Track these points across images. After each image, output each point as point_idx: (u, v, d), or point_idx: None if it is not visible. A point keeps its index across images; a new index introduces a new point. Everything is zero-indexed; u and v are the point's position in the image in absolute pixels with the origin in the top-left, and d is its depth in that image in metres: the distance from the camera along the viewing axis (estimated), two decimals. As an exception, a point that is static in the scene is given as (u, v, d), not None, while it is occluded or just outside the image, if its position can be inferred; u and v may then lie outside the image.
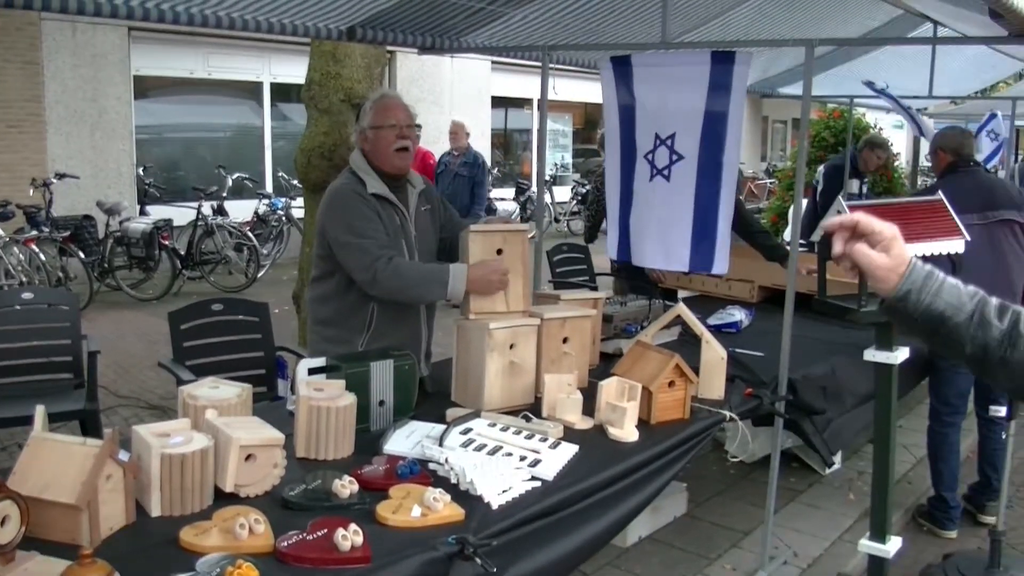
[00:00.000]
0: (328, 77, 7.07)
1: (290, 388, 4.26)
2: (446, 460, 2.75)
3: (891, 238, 1.64)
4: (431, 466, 2.79)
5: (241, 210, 13.12)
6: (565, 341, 3.60)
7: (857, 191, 8.64)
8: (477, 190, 9.93)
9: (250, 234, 11.76)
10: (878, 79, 8.25)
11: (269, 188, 14.63)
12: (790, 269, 4.00)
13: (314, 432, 2.85)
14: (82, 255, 10.23)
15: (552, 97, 5.55)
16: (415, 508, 2.44)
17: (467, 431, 3.04)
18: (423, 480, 2.67)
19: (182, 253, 11.37)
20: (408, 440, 2.99)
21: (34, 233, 9.99)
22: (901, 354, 3.68)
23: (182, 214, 12.03)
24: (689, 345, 3.98)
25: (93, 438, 2.36)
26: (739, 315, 4.94)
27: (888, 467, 3.81)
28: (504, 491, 2.62)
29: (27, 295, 5.04)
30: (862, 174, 8.78)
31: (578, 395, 3.33)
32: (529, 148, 20.85)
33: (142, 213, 12.48)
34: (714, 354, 3.71)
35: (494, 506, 2.55)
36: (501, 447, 2.93)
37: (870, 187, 9.28)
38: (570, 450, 2.98)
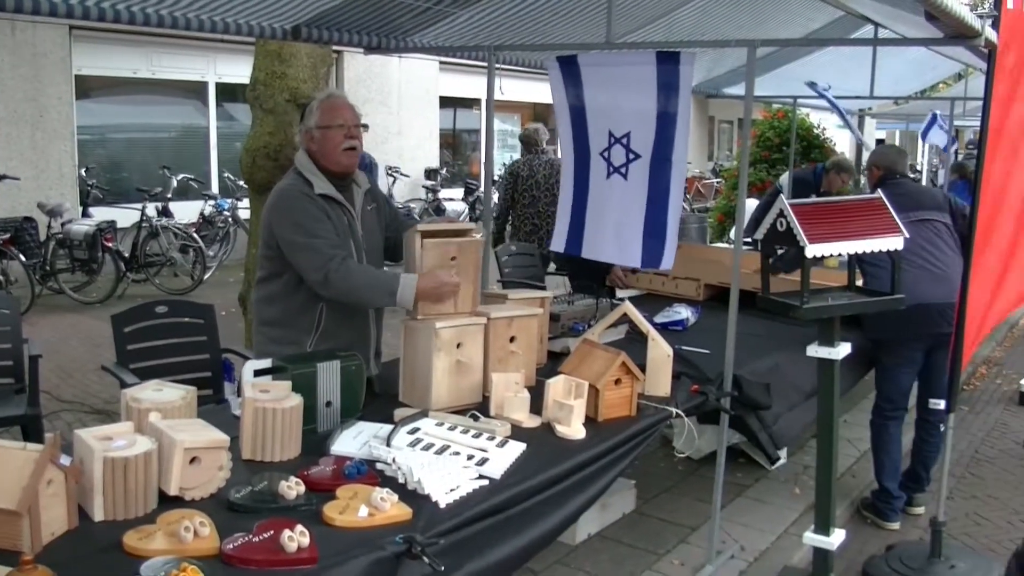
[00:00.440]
0: (273, 77, 7.01)
1: (236, 390, 4.23)
2: (393, 460, 2.75)
3: None
4: (379, 466, 2.79)
5: (186, 211, 12.96)
6: (512, 340, 3.61)
7: None
8: None
9: (196, 235, 11.64)
10: (821, 80, 8.37)
11: (215, 189, 14.48)
12: (734, 267, 4.04)
13: (260, 434, 2.83)
14: (23, 258, 10.04)
15: (499, 97, 5.57)
16: (362, 508, 2.44)
17: (415, 431, 3.04)
18: (370, 480, 2.67)
19: (126, 255, 11.21)
20: (356, 440, 2.98)
21: (-27, 236, 9.80)
22: (843, 349, 3.75)
23: (126, 215, 11.86)
24: (636, 343, 4.02)
25: (34, 443, 2.33)
26: (685, 313, 4.99)
27: (831, 461, 3.88)
28: (452, 490, 2.63)
29: (-34, 299, 4.95)
30: (824, 194, 8.90)
31: (525, 394, 3.35)
32: (478, 148, 20.84)
33: (85, 215, 12.26)
34: (660, 352, 3.74)
35: (442, 505, 2.56)
36: (449, 446, 2.94)
37: None
38: (517, 448, 3.00)
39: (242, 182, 10.94)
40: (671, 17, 5.64)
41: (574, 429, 3.21)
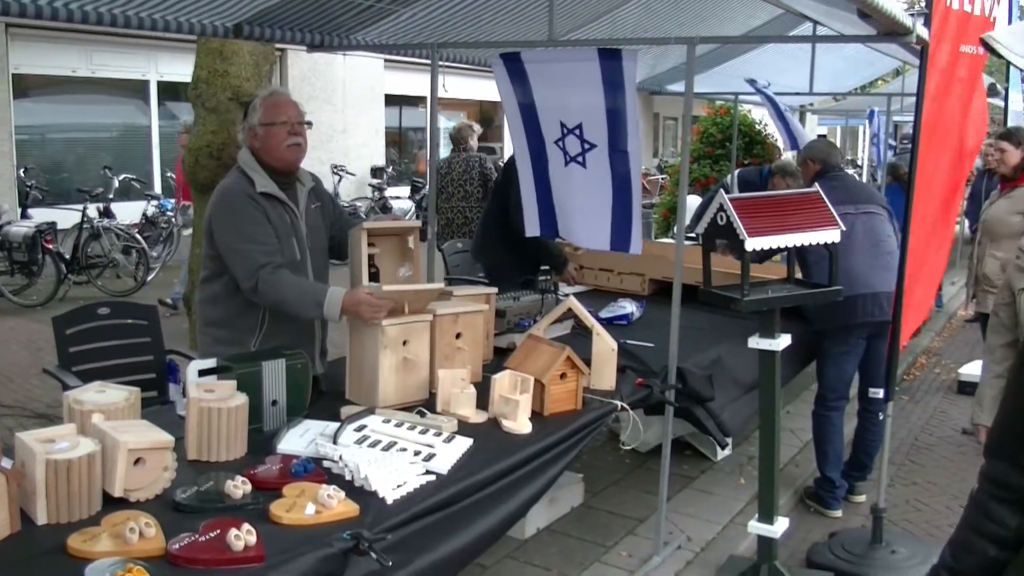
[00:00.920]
0: (215, 75, 6.95)
1: (181, 391, 4.20)
2: (340, 457, 2.76)
3: None
4: (325, 464, 2.79)
5: (128, 212, 12.78)
6: (458, 336, 3.63)
7: None
8: None
9: (138, 236, 11.46)
10: (762, 77, 8.50)
11: (157, 189, 14.31)
12: (677, 261, 4.10)
13: (205, 434, 2.82)
14: (-40, 261, 9.87)
15: (444, 95, 5.58)
16: (309, 506, 2.44)
17: (361, 428, 3.05)
18: (317, 478, 2.67)
19: (67, 257, 11.01)
20: (302, 439, 2.98)
21: (-92, 239, 9.60)
22: (783, 341, 3.82)
23: (67, 217, 11.65)
24: (581, 338, 4.05)
25: (-27, 447, 2.30)
26: (630, 307, 5.04)
27: (774, 451, 3.95)
28: (399, 486, 2.64)
29: (-99, 303, 4.85)
30: None
31: (472, 389, 3.37)
32: (424, 146, 20.80)
33: (24, 216, 12.07)
34: (605, 346, 3.78)
35: (389, 501, 2.57)
36: (395, 443, 2.95)
37: None
38: (464, 443, 3.01)
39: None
40: (613, 15, 5.69)
41: (520, 424, 3.24)
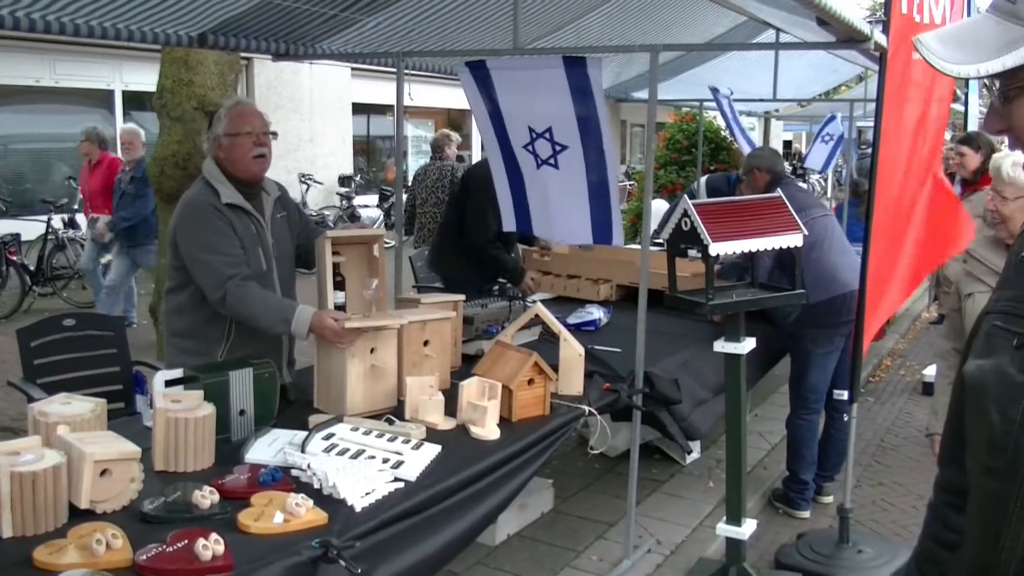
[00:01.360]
0: (180, 84, 6.92)
1: (148, 402, 4.18)
2: (308, 466, 2.76)
3: None
4: (294, 472, 2.79)
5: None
6: (426, 344, 3.65)
7: None
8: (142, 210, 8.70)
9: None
10: (726, 84, 8.56)
11: (123, 199, 14.19)
12: (643, 267, 4.13)
13: (172, 444, 2.81)
14: (-78, 273, 9.74)
15: (410, 103, 5.58)
16: (277, 515, 2.44)
17: (329, 436, 3.05)
18: (285, 487, 2.67)
19: (32, 269, 10.90)
20: (270, 448, 2.98)
21: None
22: (748, 344, 3.86)
23: (31, 228, 11.51)
24: (548, 344, 4.07)
25: (-63, 460, 2.28)
26: (597, 313, 5.06)
27: (740, 452, 3.99)
28: (367, 493, 2.65)
29: None
30: None
31: (440, 396, 3.38)
32: (392, 155, 20.78)
33: (-13, 228, 11.94)
34: (572, 351, 3.81)
35: (357, 508, 2.57)
36: (364, 450, 2.96)
37: None
38: (433, 450, 3.02)
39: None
40: (577, 24, 5.73)
41: (488, 430, 3.25)
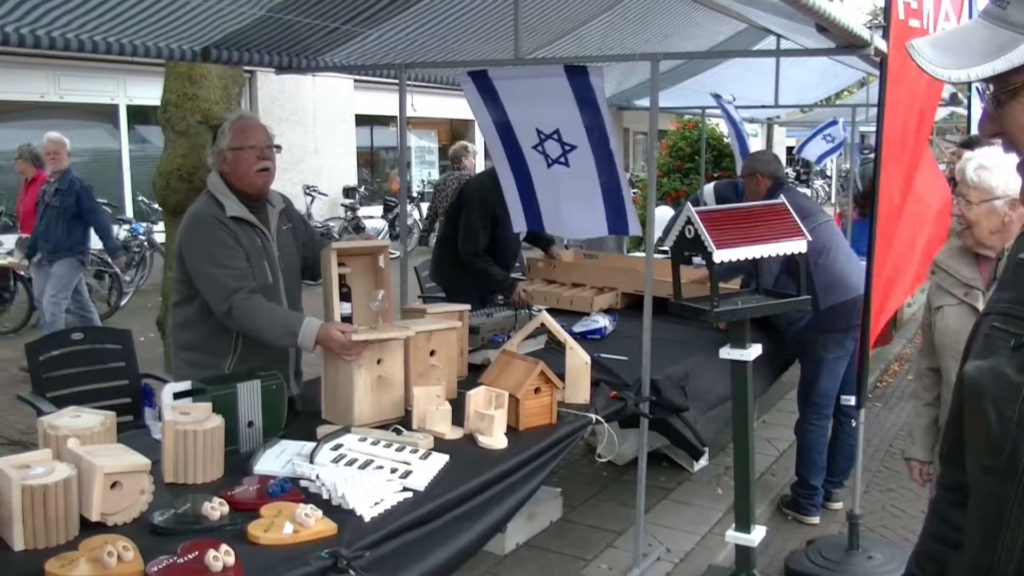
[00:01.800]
0: (184, 99, 6.96)
1: (157, 415, 4.19)
2: (317, 476, 2.77)
3: None
4: (303, 483, 2.80)
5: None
6: (432, 354, 3.66)
7: None
8: (82, 221, 8.30)
9: (111, 260, 11.40)
10: (728, 90, 8.57)
11: (129, 213, 14.24)
12: (647, 274, 4.14)
13: (182, 456, 2.83)
14: (-71, 290, 9.76)
15: (413, 114, 5.60)
16: (287, 525, 2.46)
17: (338, 447, 3.06)
18: (294, 497, 2.68)
19: (39, 283, 10.94)
20: (279, 459, 2.99)
21: None
22: (754, 351, 3.86)
23: (37, 243, 11.57)
24: (555, 353, 4.08)
25: (-52, 474, 2.30)
26: (603, 321, 5.07)
27: (748, 460, 3.99)
28: (376, 503, 2.66)
29: None
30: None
31: (447, 406, 3.39)
32: (396, 166, 20.82)
33: (-6, 243, 11.98)
34: (578, 360, 3.82)
35: (366, 518, 2.58)
36: (372, 460, 2.97)
37: None
38: (441, 460, 3.03)
39: (156, 205, 10.79)
40: (578, 33, 5.75)
41: (496, 439, 3.26)
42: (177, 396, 3.09)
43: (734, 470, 4.14)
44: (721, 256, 3.46)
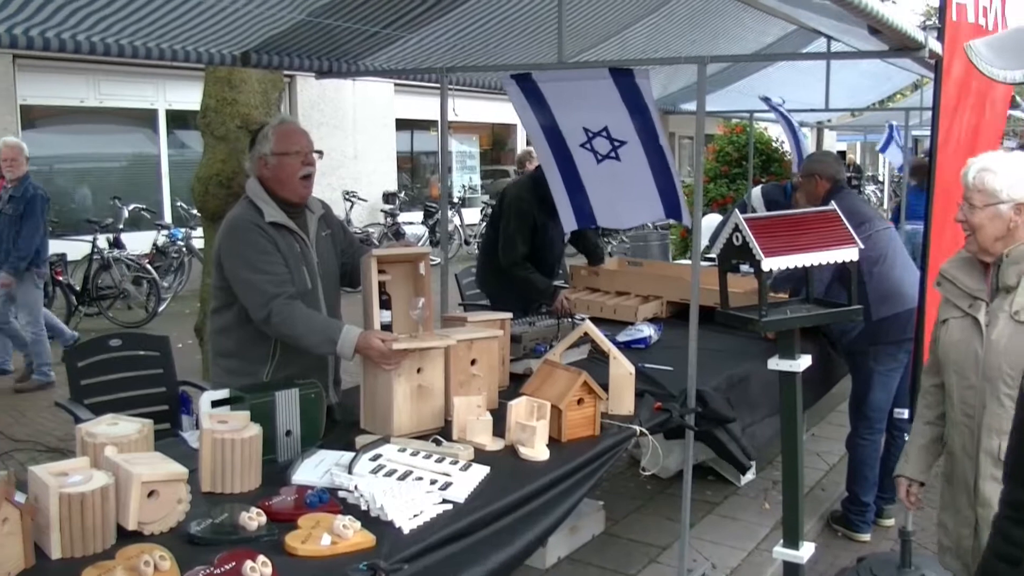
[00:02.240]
0: (224, 103, 7.02)
1: (194, 423, 4.23)
2: (356, 487, 2.77)
3: None
4: (341, 494, 2.81)
5: (139, 242, 12.87)
6: (473, 363, 3.65)
7: None
8: (23, 229, 8.10)
9: (149, 267, 11.55)
10: (777, 93, 8.52)
11: (168, 218, 14.42)
12: (693, 283, 4.11)
13: (219, 465, 2.85)
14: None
15: (454, 118, 5.62)
16: (325, 536, 2.46)
17: (376, 457, 3.07)
18: (332, 508, 2.69)
19: (77, 289, 11.10)
20: (317, 469, 3.00)
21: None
22: (804, 362, 3.82)
23: (76, 248, 11.74)
24: (598, 362, 4.07)
25: (-13, 482, 2.33)
26: (648, 331, 5.05)
27: (797, 473, 3.94)
28: (415, 515, 2.65)
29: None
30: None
31: (488, 416, 3.38)
32: (436, 171, 20.90)
33: (33, 248, 12.15)
34: (622, 370, 3.80)
35: (405, 530, 2.58)
36: (411, 471, 2.97)
37: None
38: (481, 472, 3.03)
39: (195, 211, 10.91)
40: (623, 36, 5.74)
41: (537, 450, 3.25)
42: (215, 404, 3.11)
43: (782, 484, 4.09)
44: (770, 264, 3.42)
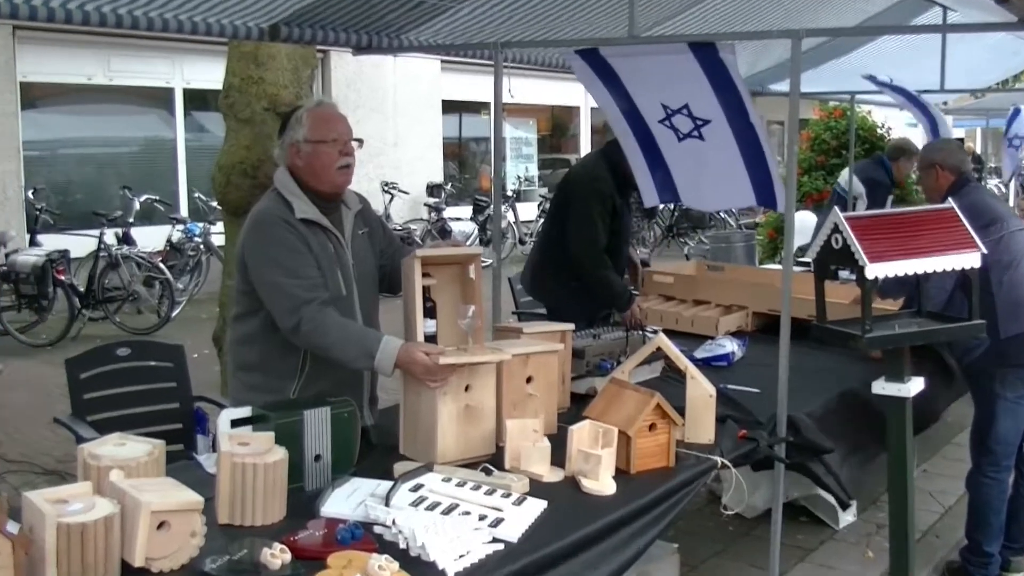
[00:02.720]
0: (249, 83, 7.09)
1: (211, 444, 4.26)
2: (393, 522, 2.77)
3: None
4: (376, 529, 2.81)
5: (151, 238, 13.04)
6: (529, 381, 3.64)
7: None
8: None
9: (162, 266, 11.68)
10: (883, 72, 8.41)
11: (184, 211, 14.60)
12: (784, 291, 4.06)
13: (239, 494, 2.86)
14: (-40, 295, 10.11)
15: (510, 100, 5.63)
16: (358, 578, 2.46)
17: (418, 487, 3.07)
18: (367, 546, 2.69)
19: (81, 290, 11.26)
20: (349, 500, 3.01)
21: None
22: (915, 385, 3.76)
23: (81, 244, 11.91)
24: (673, 382, 4.04)
25: (-23, 509, 2.35)
26: (730, 346, 5.00)
27: (906, 516, 3.88)
28: (461, 556, 2.65)
29: None
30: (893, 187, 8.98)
31: (545, 443, 3.37)
32: (487, 159, 20.94)
33: (32, 243, 12.39)
34: (701, 391, 3.76)
35: (450, 573, 2.58)
36: (457, 505, 2.96)
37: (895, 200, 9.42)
38: (537, 506, 3.02)
39: (215, 203, 11.03)
40: (703, 6, 5.70)
41: (602, 483, 3.23)
42: (235, 423, 3.13)
43: (889, 529, 4.03)
44: (875, 271, 3.38)
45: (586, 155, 5.98)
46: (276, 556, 2.55)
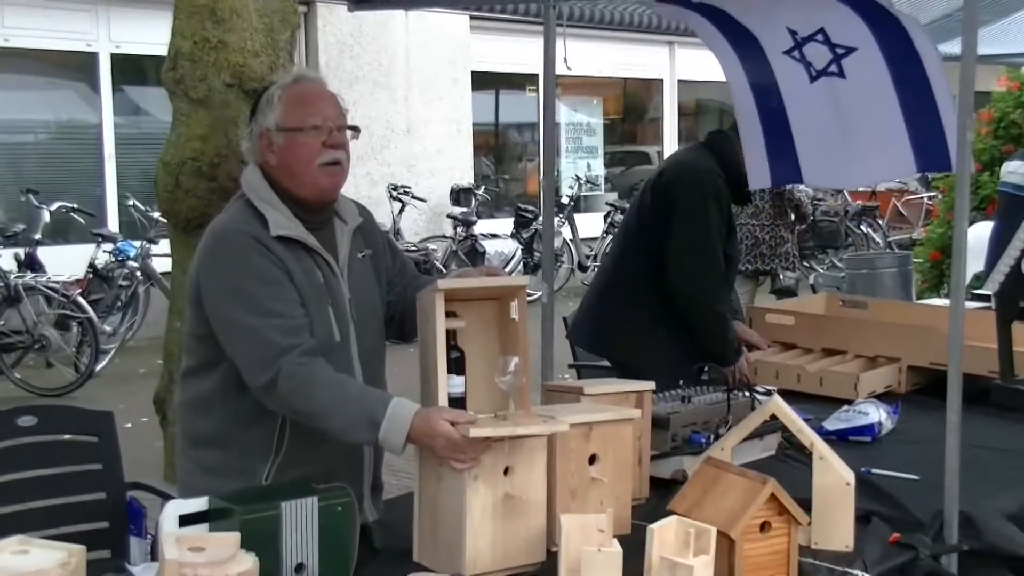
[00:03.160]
0: (205, 48, 7.13)
1: (149, 550, 4.30)
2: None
3: None
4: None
5: (66, 261, 13.06)
6: (593, 461, 3.67)
7: None
8: None
9: (82, 300, 11.70)
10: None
11: (113, 225, 14.63)
12: (952, 336, 4.06)
13: (191, 619, 2.90)
14: None
15: (566, 72, 5.65)
16: None
17: (439, 612, 3.10)
18: None
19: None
20: (343, 627, 3.05)
21: None
22: None
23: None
24: (794, 464, 4.05)
25: None
26: (875, 414, 4.99)
27: None
28: None
29: None
30: None
31: (616, 547, 3.39)
32: (535, 154, 20.92)
33: None
34: (835, 478, 3.77)
35: None
36: (494, 637, 2.99)
37: None
38: (605, 638, 3.04)
39: (157, 214, 11.10)
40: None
41: (696, 605, 3.25)
42: (184, 520, 3.17)
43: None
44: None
45: (684, 150, 5.94)
46: None
